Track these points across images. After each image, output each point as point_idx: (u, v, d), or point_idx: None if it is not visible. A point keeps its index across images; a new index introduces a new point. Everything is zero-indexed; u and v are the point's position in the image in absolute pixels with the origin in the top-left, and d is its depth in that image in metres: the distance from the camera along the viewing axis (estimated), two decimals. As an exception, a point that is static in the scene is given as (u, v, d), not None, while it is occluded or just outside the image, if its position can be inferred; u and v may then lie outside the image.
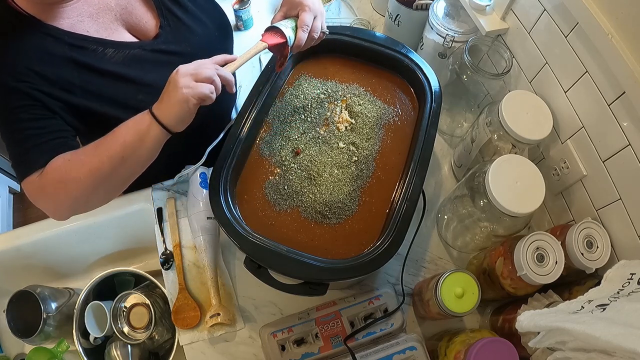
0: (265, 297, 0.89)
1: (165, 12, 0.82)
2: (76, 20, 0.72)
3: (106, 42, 0.75)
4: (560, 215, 0.88)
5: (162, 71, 0.81)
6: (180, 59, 0.83)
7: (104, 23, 0.76)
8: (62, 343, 1.01)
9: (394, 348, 0.76)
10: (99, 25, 0.75)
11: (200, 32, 0.87)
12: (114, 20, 0.77)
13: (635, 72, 0.62)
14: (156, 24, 0.82)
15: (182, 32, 0.84)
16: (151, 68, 0.80)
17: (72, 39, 0.72)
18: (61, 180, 0.66)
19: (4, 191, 2.01)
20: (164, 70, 0.82)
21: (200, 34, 0.87)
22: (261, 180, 0.80)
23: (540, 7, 0.81)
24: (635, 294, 0.56)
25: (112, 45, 0.76)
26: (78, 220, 0.99)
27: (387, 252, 0.69)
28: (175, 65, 0.83)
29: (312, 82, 0.90)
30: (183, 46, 0.84)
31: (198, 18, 0.87)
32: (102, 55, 0.74)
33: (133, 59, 0.78)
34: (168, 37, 0.82)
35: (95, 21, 0.75)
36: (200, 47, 0.87)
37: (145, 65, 0.80)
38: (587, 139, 0.76)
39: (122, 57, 0.77)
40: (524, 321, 0.59)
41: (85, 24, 0.73)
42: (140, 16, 0.80)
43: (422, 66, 0.88)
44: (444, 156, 1.07)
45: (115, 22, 0.77)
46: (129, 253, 1.14)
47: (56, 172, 0.66)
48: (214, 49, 0.92)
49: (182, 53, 0.84)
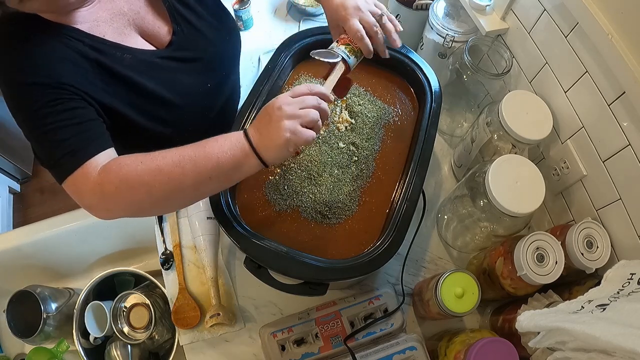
0: (265, 297, 0.89)
1: (178, 18, 0.82)
2: (93, 24, 0.72)
3: (123, 48, 0.75)
4: (560, 215, 0.88)
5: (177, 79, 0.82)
6: (195, 65, 0.84)
7: (118, 28, 0.75)
8: (62, 343, 1.01)
9: (394, 348, 0.76)
10: (113, 30, 0.75)
11: (212, 37, 0.86)
12: (127, 25, 0.77)
13: (635, 72, 0.62)
14: (169, 29, 0.81)
15: (195, 37, 0.84)
16: (167, 76, 0.80)
17: (92, 41, 0.71)
18: (128, 181, 0.59)
19: (4, 191, 2.01)
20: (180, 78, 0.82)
21: (212, 39, 0.87)
22: (261, 180, 0.80)
23: (540, 7, 0.81)
24: (635, 294, 0.56)
25: (129, 52, 0.75)
26: (78, 220, 1.00)
27: (387, 252, 0.69)
28: (191, 71, 0.84)
29: (312, 82, 0.90)
30: (197, 52, 0.84)
31: (209, 22, 0.86)
32: (121, 60, 0.74)
33: (150, 66, 0.78)
34: (182, 44, 0.82)
35: (110, 26, 0.74)
36: (213, 51, 0.87)
37: (161, 73, 0.79)
38: (587, 139, 0.76)
39: (138, 64, 0.76)
40: (524, 321, 0.59)
41: (102, 28, 0.73)
42: (153, 21, 0.80)
43: (422, 66, 0.88)
44: (444, 156, 1.07)
45: (129, 27, 0.77)
46: (129, 253, 1.14)
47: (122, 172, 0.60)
48: (225, 53, 0.92)
49: (196, 59, 0.84)
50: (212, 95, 0.90)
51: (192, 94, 0.85)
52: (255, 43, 1.36)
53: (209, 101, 0.90)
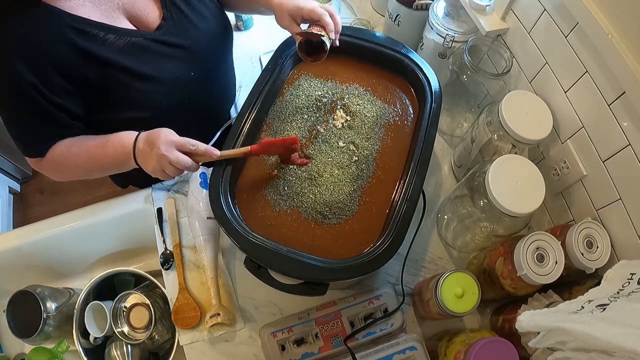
0: (265, 297, 0.89)
1: (169, 5, 0.83)
2: (77, 3, 0.73)
3: (107, 27, 0.75)
4: (560, 215, 0.88)
5: (161, 62, 0.83)
6: (181, 51, 0.84)
7: (106, 10, 0.76)
8: (62, 343, 1.01)
9: (394, 348, 0.76)
10: (100, 12, 0.75)
11: (202, 28, 0.87)
12: (115, 9, 0.77)
13: (635, 72, 0.62)
14: (159, 15, 0.82)
15: (185, 25, 0.84)
16: (151, 58, 0.81)
17: (74, 21, 0.71)
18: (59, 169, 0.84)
19: (4, 191, 2.01)
20: (163, 62, 0.83)
21: (202, 29, 0.87)
22: (261, 180, 0.80)
23: (540, 7, 0.81)
24: (635, 294, 0.56)
25: (114, 31, 0.76)
26: (78, 220, 1.00)
27: (387, 252, 0.69)
28: (175, 57, 0.84)
29: (312, 82, 0.90)
30: (184, 39, 0.84)
31: (201, 13, 0.87)
32: (103, 40, 0.75)
33: (133, 46, 0.78)
34: (170, 29, 0.83)
35: (97, 7, 0.75)
36: (201, 42, 0.87)
37: (146, 55, 0.80)
38: (587, 139, 0.76)
39: (123, 44, 0.77)
40: (524, 321, 0.59)
41: (87, 8, 0.74)
42: (143, 7, 0.80)
43: (422, 66, 0.88)
44: (444, 156, 1.07)
45: (117, 11, 0.77)
46: (129, 253, 1.14)
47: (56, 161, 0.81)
48: (214, 46, 0.92)
49: (183, 46, 0.84)
50: (195, 86, 0.90)
51: (174, 79, 0.85)
52: (255, 43, 1.36)
53: (192, 92, 0.90)
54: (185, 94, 0.89)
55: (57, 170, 0.85)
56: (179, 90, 0.87)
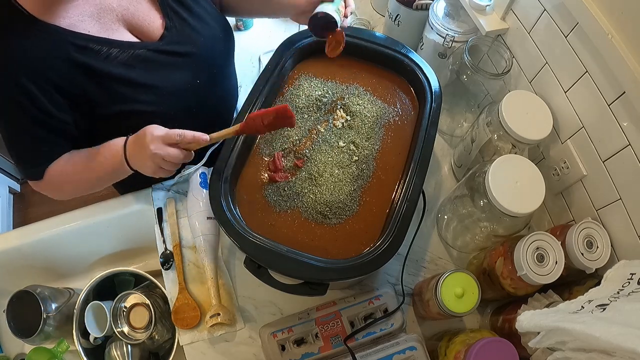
0: (265, 297, 0.89)
1: (171, 13, 0.82)
2: (77, 19, 0.72)
3: (110, 42, 0.75)
4: (560, 215, 0.88)
5: (167, 72, 0.82)
6: (186, 59, 0.84)
7: (105, 23, 0.75)
8: (62, 343, 1.01)
9: (394, 348, 0.76)
10: (100, 25, 0.74)
11: (205, 33, 0.86)
12: (115, 21, 0.76)
13: (635, 72, 0.62)
14: (161, 24, 0.81)
15: (188, 33, 0.84)
16: (156, 69, 0.80)
17: (75, 39, 0.71)
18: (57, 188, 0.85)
19: (4, 191, 2.01)
20: (169, 72, 0.82)
21: (205, 35, 0.86)
22: (261, 181, 0.80)
23: (540, 7, 0.81)
24: (635, 294, 0.56)
25: (117, 45, 0.75)
26: (78, 220, 0.99)
27: (387, 252, 0.69)
28: (181, 66, 0.84)
29: (313, 82, 0.90)
30: (189, 47, 0.84)
31: (202, 18, 0.86)
32: (107, 55, 0.74)
33: (137, 59, 0.78)
34: (174, 39, 0.82)
35: (97, 21, 0.74)
36: (205, 48, 0.87)
37: (150, 66, 0.79)
38: (587, 139, 0.76)
39: (127, 57, 0.76)
40: (524, 321, 0.59)
41: (87, 23, 0.73)
42: (144, 17, 0.79)
43: (422, 66, 0.88)
44: (444, 156, 1.07)
45: (117, 23, 0.76)
46: (129, 253, 1.14)
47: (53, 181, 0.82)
48: (218, 50, 0.92)
49: (188, 54, 0.84)
50: (201, 91, 0.89)
51: (180, 88, 0.85)
52: (255, 43, 1.36)
53: (198, 97, 0.89)
54: (191, 101, 0.88)
55: (56, 189, 0.85)
56: (186, 98, 0.87)
